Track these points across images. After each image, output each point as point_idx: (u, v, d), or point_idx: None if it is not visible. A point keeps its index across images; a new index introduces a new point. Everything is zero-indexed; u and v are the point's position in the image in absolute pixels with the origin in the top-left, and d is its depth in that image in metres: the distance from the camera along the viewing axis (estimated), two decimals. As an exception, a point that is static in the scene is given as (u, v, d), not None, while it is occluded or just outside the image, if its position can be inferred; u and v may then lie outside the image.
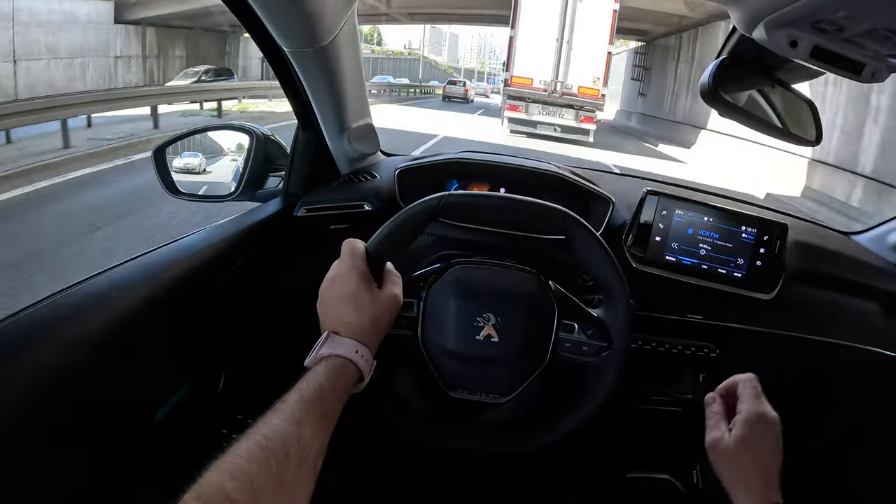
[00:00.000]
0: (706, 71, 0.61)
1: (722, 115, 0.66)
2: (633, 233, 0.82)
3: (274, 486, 0.34)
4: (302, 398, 0.40)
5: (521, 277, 0.60)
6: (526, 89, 9.09)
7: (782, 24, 0.51)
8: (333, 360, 0.44)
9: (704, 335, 0.87)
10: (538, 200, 0.59)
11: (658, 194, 0.81)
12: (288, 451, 0.36)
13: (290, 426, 0.38)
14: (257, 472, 0.34)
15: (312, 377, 0.42)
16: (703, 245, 0.81)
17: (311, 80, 0.73)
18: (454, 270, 0.59)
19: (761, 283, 0.81)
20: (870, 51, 0.51)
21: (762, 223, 0.81)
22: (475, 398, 0.59)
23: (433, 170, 0.89)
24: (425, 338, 0.58)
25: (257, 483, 0.33)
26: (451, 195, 0.57)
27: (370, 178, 0.91)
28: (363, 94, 0.84)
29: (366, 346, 0.47)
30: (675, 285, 0.81)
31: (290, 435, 0.37)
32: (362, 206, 0.85)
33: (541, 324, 0.58)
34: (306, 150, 0.87)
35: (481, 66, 78.36)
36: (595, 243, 0.57)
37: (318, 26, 0.62)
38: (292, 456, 0.36)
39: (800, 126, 0.67)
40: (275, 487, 0.34)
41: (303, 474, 0.37)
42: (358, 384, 0.47)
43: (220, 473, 0.33)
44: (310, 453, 0.38)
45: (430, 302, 0.58)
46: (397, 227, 0.56)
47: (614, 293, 0.58)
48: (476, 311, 0.57)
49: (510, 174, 0.89)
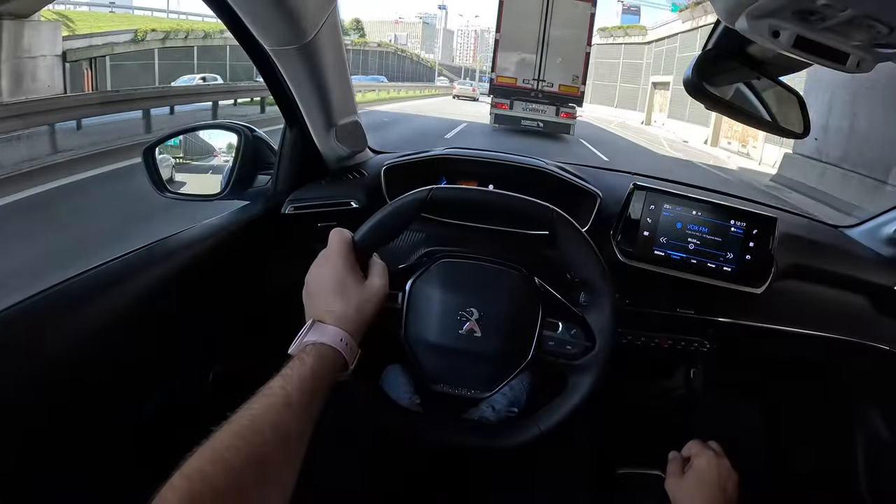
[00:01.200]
0: (690, 64, 0.60)
1: (708, 109, 0.65)
2: (621, 228, 0.81)
3: (256, 471, 0.34)
4: (285, 385, 0.40)
5: (506, 273, 0.60)
6: (510, 87, 9.80)
7: (764, 14, 0.50)
8: (318, 348, 0.44)
9: (695, 330, 0.87)
10: (525, 196, 0.58)
11: (645, 189, 0.80)
12: (270, 436, 0.36)
13: (273, 412, 0.38)
14: (239, 457, 0.34)
15: (296, 364, 0.42)
16: (691, 239, 0.80)
17: (295, 78, 0.72)
18: (440, 264, 0.59)
19: (751, 277, 0.80)
20: (853, 40, 0.50)
21: (751, 217, 0.80)
22: (456, 392, 0.58)
23: (421, 167, 0.89)
24: (408, 330, 0.58)
25: (239, 468, 0.33)
26: (440, 189, 0.57)
27: (358, 176, 0.91)
28: (349, 92, 0.84)
29: (350, 335, 0.47)
30: (664, 280, 0.81)
31: (273, 421, 0.37)
32: (350, 203, 0.84)
33: (524, 320, 0.58)
34: (294, 148, 0.87)
35: (478, 63, 76.87)
36: (581, 241, 0.57)
37: (298, 24, 0.62)
38: (274, 442, 0.36)
39: (787, 119, 0.66)
40: (257, 472, 0.34)
41: (286, 460, 0.37)
42: (342, 372, 0.47)
43: (201, 459, 0.33)
44: (293, 439, 0.38)
45: (414, 294, 0.58)
46: (385, 219, 0.55)
47: (599, 292, 0.58)
48: (459, 306, 0.57)
49: (499, 170, 0.88)
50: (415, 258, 0.72)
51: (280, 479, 0.36)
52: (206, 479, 0.32)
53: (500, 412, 0.88)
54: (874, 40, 0.48)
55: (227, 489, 0.32)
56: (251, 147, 0.91)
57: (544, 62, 9.76)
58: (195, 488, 0.31)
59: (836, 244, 0.95)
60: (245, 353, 0.83)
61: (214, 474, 0.32)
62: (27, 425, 0.47)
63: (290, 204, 0.84)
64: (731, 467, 0.61)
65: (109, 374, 0.56)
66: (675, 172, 7.28)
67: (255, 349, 0.84)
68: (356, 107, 0.88)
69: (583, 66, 9.75)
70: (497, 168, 0.88)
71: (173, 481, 0.32)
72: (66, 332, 0.52)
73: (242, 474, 0.33)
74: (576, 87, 9.81)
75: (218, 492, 0.32)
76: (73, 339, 0.52)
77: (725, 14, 0.54)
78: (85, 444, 0.54)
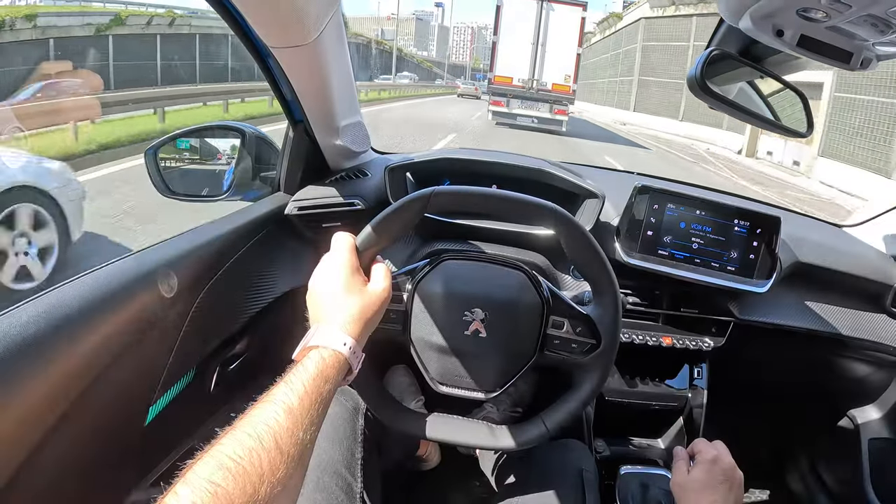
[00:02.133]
0: (695, 63, 0.60)
1: (712, 108, 0.65)
2: (625, 228, 0.81)
3: (260, 477, 0.34)
4: (289, 390, 0.40)
5: (510, 273, 0.59)
6: (507, 87, 10.77)
7: (768, 14, 0.50)
8: (321, 352, 0.44)
9: (699, 329, 0.87)
10: (528, 196, 0.58)
11: (649, 189, 0.80)
12: (274, 442, 0.36)
13: (277, 417, 0.38)
14: (243, 463, 0.34)
15: (300, 369, 0.42)
16: (695, 239, 0.80)
17: (298, 78, 0.72)
18: (443, 265, 0.59)
19: (755, 276, 0.80)
20: (857, 39, 0.50)
21: (755, 216, 0.80)
22: (461, 394, 0.58)
23: (424, 168, 0.89)
24: (413, 332, 0.58)
25: (243, 474, 0.33)
26: (442, 190, 0.56)
27: (362, 176, 0.91)
28: (352, 93, 0.84)
29: (354, 339, 0.47)
30: (668, 280, 0.81)
31: (277, 426, 0.37)
32: (354, 203, 0.84)
33: (529, 320, 0.57)
34: (297, 148, 0.87)
35: (475, 61, 74.85)
36: (584, 240, 0.57)
37: (302, 24, 0.62)
38: (278, 447, 0.36)
39: (791, 118, 0.66)
40: (261, 479, 0.34)
41: (290, 465, 0.36)
42: (347, 376, 0.47)
43: (206, 465, 0.33)
44: (297, 445, 0.37)
45: (418, 296, 0.58)
46: (387, 221, 0.55)
47: (604, 290, 0.58)
48: (464, 306, 0.57)
49: (502, 171, 0.88)
50: (415, 259, 0.72)
51: (286, 486, 0.36)
52: (209, 488, 0.32)
53: (504, 412, 0.88)
54: (877, 38, 0.48)
55: (233, 498, 0.32)
56: (254, 147, 0.91)
57: (538, 63, 10.66)
58: (197, 496, 0.31)
59: (840, 243, 0.95)
60: (247, 354, 0.83)
61: (218, 482, 0.32)
62: (28, 426, 0.47)
63: (294, 204, 0.84)
64: (735, 466, 0.61)
65: (113, 375, 0.56)
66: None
67: (258, 350, 0.85)
68: (359, 107, 0.88)
69: (574, 66, 10.58)
70: (500, 169, 0.88)
71: (177, 489, 0.31)
72: (70, 333, 0.52)
73: (247, 481, 0.33)
74: (567, 85, 10.69)
75: (220, 500, 0.32)
76: (76, 339, 0.52)
77: (729, 13, 0.54)
78: (87, 444, 0.54)
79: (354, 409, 0.74)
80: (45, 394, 0.48)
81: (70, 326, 0.52)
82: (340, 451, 0.68)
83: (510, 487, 0.72)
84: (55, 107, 5.74)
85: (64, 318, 0.51)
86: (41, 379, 0.48)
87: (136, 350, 0.58)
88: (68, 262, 2.40)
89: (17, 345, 0.47)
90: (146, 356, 0.61)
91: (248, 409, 0.38)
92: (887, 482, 0.96)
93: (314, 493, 0.62)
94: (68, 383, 0.51)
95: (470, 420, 0.61)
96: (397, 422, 0.60)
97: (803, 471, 1.13)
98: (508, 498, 0.67)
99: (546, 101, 10.76)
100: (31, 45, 9.41)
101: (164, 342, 0.64)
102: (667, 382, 0.92)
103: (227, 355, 0.79)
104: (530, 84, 10.69)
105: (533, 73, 10.66)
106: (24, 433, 0.47)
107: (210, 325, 0.72)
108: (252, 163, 0.91)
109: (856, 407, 1.01)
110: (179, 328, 0.66)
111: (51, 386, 0.49)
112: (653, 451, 0.93)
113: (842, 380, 0.99)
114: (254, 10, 0.60)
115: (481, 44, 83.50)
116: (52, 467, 0.50)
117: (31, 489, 0.48)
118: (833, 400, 1.05)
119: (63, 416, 0.50)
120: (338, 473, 0.65)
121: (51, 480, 0.50)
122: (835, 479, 1.06)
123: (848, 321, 0.90)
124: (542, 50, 10.58)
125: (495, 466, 0.81)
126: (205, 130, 0.97)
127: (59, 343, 0.50)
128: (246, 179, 0.91)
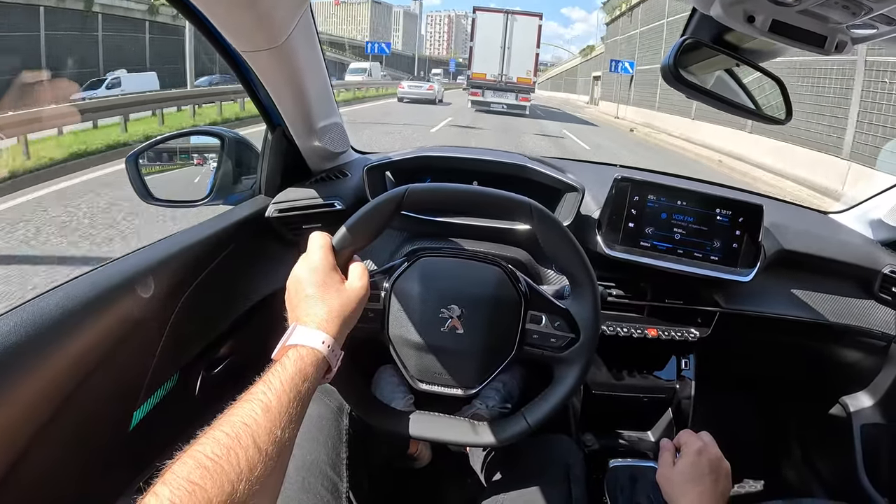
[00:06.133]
0: (668, 52, 0.59)
1: (688, 97, 0.64)
2: (606, 220, 0.80)
3: (238, 475, 0.34)
4: (267, 388, 0.40)
5: (488, 269, 0.59)
6: (482, 81, 14.41)
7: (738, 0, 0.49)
8: (300, 351, 0.44)
9: (685, 320, 0.86)
10: (502, 192, 0.57)
11: (630, 181, 0.79)
12: (252, 440, 0.36)
13: (255, 416, 0.37)
14: (221, 462, 0.34)
15: (278, 368, 0.42)
16: (677, 229, 0.79)
17: (271, 81, 0.71)
18: (420, 263, 0.58)
19: (739, 265, 0.79)
20: (830, 22, 0.49)
21: (737, 205, 0.79)
22: (440, 391, 0.58)
23: (403, 167, 0.88)
24: (391, 331, 0.57)
25: (221, 473, 0.33)
26: (416, 188, 0.56)
27: (342, 177, 0.90)
28: (329, 94, 0.83)
29: (332, 338, 0.46)
30: (651, 271, 0.80)
31: (255, 424, 0.37)
32: (333, 204, 0.84)
33: (507, 316, 0.57)
34: (276, 151, 0.86)
35: (452, 53, 70.56)
36: (560, 233, 0.56)
37: (269, 27, 0.61)
38: (256, 446, 0.36)
39: (769, 105, 0.65)
40: (239, 477, 0.34)
41: (269, 464, 0.36)
42: (326, 374, 0.47)
43: (185, 465, 0.33)
44: (275, 443, 0.37)
45: (395, 294, 0.57)
46: (363, 220, 0.55)
47: (581, 283, 0.57)
48: (440, 303, 0.56)
49: (482, 167, 0.87)
50: (396, 257, 0.71)
51: (265, 484, 0.36)
52: (188, 487, 0.32)
53: (493, 409, 0.87)
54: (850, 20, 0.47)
55: (211, 497, 0.32)
56: (234, 151, 0.91)
57: (506, 61, 14.25)
58: (176, 496, 0.31)
59: (825, 230, 0.94)
60: (231, 356, 0.82)
61: (196, 481, 0.32)
62: (12, 433, 0.47)
63: (274, 207, 0.84)
64: (722, 457, 0.61)
65: (96, 381, 0.55)
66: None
67: (242, 353, 0.84)
68: (336, 108, 0.87)
69: (534, 63, 14.36)
70: (481, 165, 0.88)
71: (156, 489, 0.32)
72: (52, 341, 0.51)
73: (225, 480, 0.33)
74: (529, 78, 14.38)
75: (198, 499, 0.32)
76: (59, 347, 0.52)
77: (699, 1, 0.53)
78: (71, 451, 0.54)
79: (339, 409, 0.74)
80: (28, 402, 0.48)
81: (51, 335, 0.51)
82: (325, 451, 0.68)
83: (497, 484, 0.71)
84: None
85: (46, 326, 0.51)
86: (24, 387, 0.48)
87: (118, 356, 0.58)
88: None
89: (11, 344, 0.47)
90: (129, 362, 0.61)
91: (227, 410, 0.38)
92: (881, 468, 0.95)
93: (299, 494, 0.62)
94: (51, 391, 0.50)
95: (452, 417, 0.61)
96: (379, 421, 0.60)
97: (796, 459, 1.12)
98: (495, 494, 0.67)
99: (513, 91, 14.31)
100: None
101: (147, 347, 0.64)
102: (654, 374, 0.92)
103: (212, 359, 0.79)
104: (500, 78, 14.31)
105: (502, 70, 14.25)
106: (9, 441, 0.46)
107: (193, 330, 0.72)
108: (233, 167, 0.90)
109: (847, 394, 1.00)
110: (162, 333, 0.66)
111: (34, 394, 0.48)
112: (643, 443, 0.93)
113: (832, 367, 0.99)
114: (220, 15, 0.59)
115: (460, 34, 76.63)
116: (36, 474, 0.50)
117: (15, 497, 0.47)
118: (824, 387, 1.04)
119: (47, 423, 0.49)
120: (323, 473, 0.65)
121: (35, 488, 0.50)
122: (828, 466, 1.05)
123: (836, 308, 0.90)
124: (509, 52, 14.26)
125: (484, 463, 0.81)
126: (185, 136, 0.96)
127: (42, 351, 0.50)
128: (227, 183, 0.90)
